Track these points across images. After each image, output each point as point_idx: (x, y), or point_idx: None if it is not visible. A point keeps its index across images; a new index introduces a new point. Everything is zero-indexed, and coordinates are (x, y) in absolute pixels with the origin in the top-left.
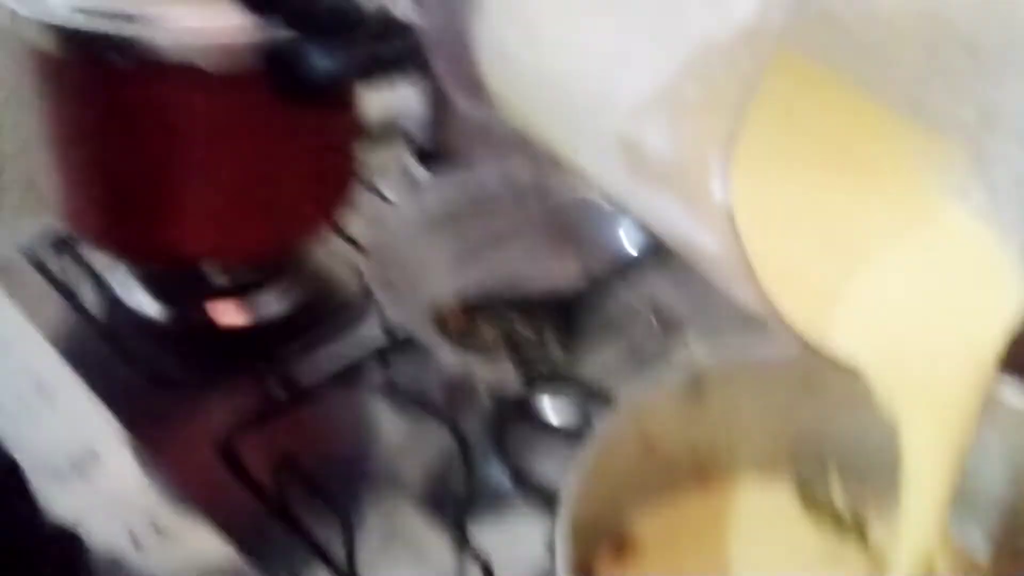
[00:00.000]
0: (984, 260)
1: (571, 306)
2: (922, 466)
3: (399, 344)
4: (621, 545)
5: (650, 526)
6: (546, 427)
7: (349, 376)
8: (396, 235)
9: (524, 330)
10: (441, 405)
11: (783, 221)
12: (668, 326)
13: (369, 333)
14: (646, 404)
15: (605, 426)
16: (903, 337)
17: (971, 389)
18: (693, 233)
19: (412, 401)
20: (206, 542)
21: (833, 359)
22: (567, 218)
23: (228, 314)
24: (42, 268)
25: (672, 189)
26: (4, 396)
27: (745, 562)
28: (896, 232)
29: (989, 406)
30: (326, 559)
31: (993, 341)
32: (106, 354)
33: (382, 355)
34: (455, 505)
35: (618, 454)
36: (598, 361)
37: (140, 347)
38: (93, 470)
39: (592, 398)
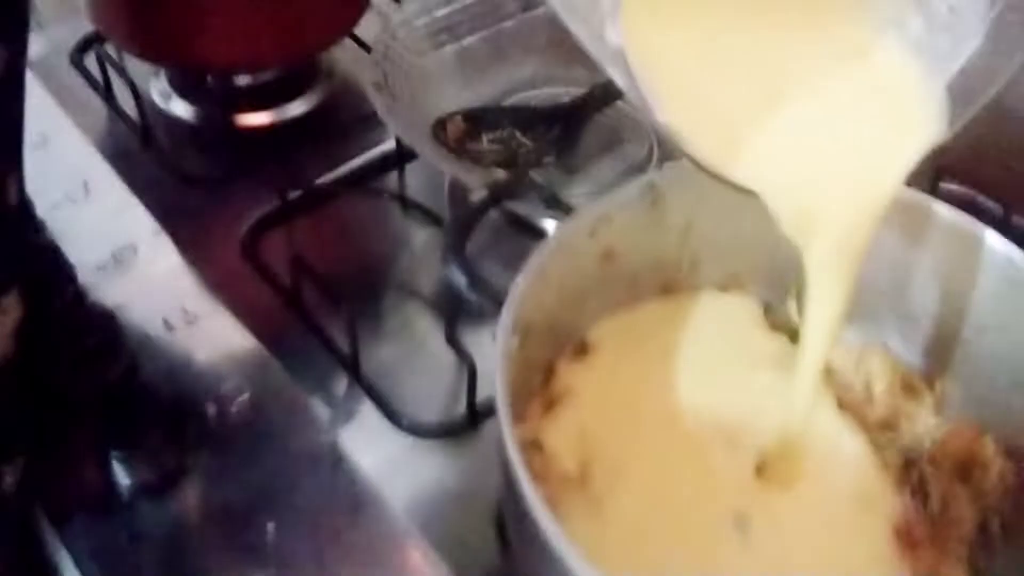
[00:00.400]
0: (904, 93)
1: (572, 118)
2: (821, 282)
3: (410, 151)
4: (583, 349)
5: (609, 329)
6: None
7: (361, 180)
8: (402, 41)
9: (523, 141)
10: (442, 211)
11: (703, 53)
12: (667, 141)
13: (383, 139)
14: (603, 211)
15: (560, 231)
16: (811, 165)
17: (870, 217)
18: (609, 68)
19: (416, 206)
20: (229, 327)
21: (736, 185)
22: None
23: (251, 117)
24: (82, 71)
25: (590, 30)
26: (52, 193)
27: (697, 359)
28: (822, 64)
29: (921, 224)
30: (332, 350)
31: (900, 171)
32: (140, 153)
33: (393, 161)
34: (448, 308)
35: (576, 261)
36: (596, 174)
37: (171, 147)
38: (131, 261)
39: None
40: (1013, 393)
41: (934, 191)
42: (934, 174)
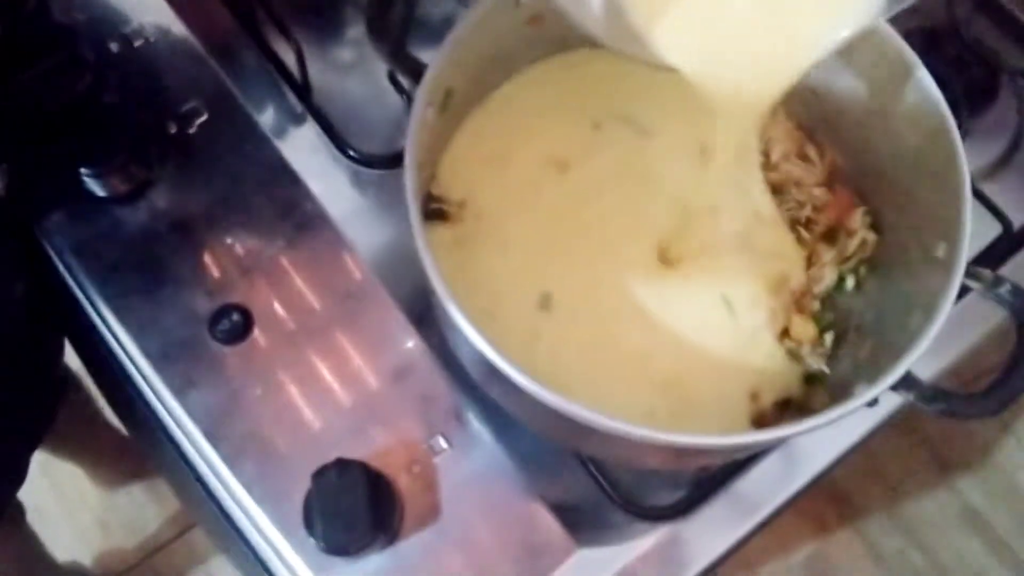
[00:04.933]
0: None
1: None
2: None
3: None
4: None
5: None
6: None
7: None
8: None
9: None
10: None
11: None
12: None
13: None
14: None
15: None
16: (727, 44)
17: (777, 94)
18: None
19: None
20: (188, 47)
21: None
22: None
23: None
24: None
25: None
26: None
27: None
28: None
29: None
30: (285, 76)
31: (821, 51)
32: None
33: None
34: (395, 29)
35: (500, 27)
36: None
37: None
38: None
39: None
40: (890, 171)
41: None
42: None
